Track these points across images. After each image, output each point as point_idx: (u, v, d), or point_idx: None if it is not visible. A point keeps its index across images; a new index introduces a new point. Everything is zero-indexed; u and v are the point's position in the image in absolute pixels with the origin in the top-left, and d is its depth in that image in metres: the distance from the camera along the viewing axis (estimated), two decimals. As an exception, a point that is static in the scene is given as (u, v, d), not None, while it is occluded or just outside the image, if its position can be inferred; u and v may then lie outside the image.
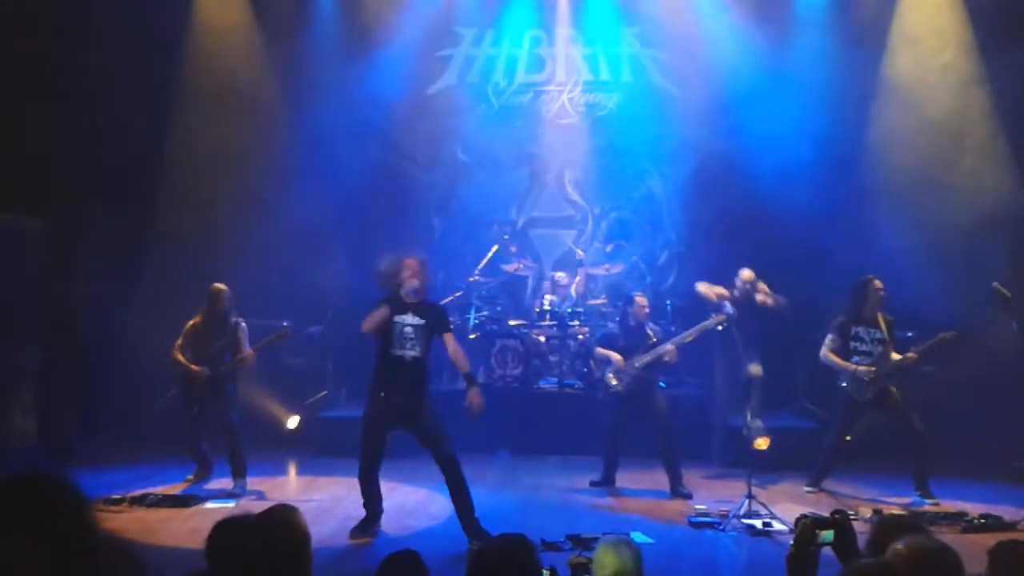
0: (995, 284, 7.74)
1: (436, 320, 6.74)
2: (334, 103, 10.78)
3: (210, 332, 8.05)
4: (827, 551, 3.00)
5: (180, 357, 8.02)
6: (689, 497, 7.84)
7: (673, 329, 9.02)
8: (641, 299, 8.39)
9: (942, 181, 9.73)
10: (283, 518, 2.88)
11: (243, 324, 8.10)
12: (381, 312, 6.57)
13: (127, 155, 9.96)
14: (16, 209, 7.84)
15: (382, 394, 6.63)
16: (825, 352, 7.89)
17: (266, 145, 10.46)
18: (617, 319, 8.98)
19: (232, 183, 10.30)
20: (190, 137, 10.35)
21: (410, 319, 6.59)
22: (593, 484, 8.32)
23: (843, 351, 7.82)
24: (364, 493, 6.76)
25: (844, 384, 7.94)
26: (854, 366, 7.74)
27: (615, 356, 8.19)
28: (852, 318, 7.84)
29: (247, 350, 8.00)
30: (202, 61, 10.50)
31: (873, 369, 7.67)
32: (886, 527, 3.11)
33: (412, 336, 6.58)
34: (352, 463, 6.88)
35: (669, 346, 8.10)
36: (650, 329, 8.35)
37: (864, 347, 7.79)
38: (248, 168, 10.34)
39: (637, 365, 8.12)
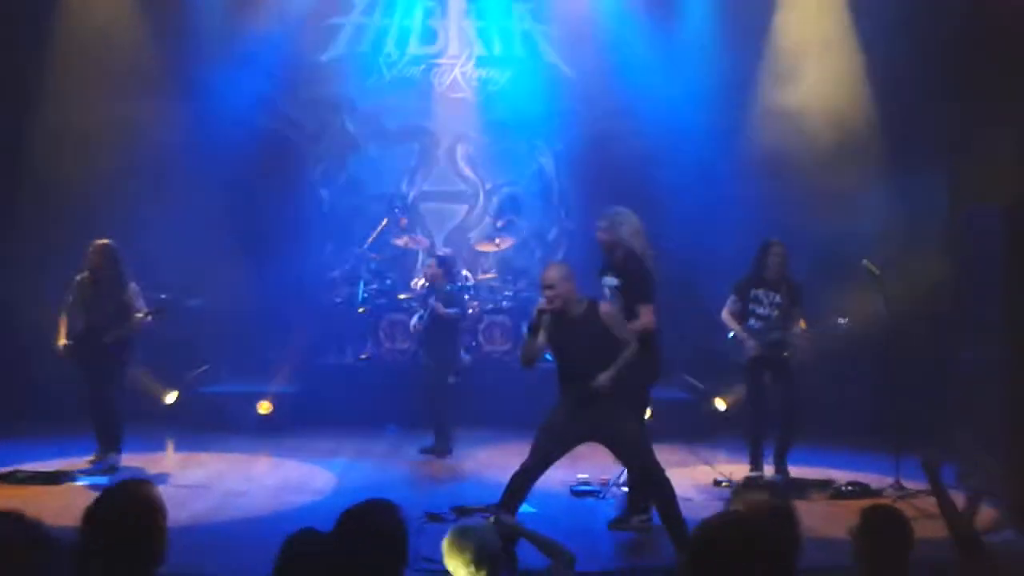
0: (864, 261, 7.84)
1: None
2: (219, 71, 10.35)
3: (99, 291, 7.59)
4: None
5: (61, 323, 7.60)
6: None
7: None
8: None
9: (826, 153, 9.70)
10: (136, 491, 2.82)
11: (134, 285, 7.71)
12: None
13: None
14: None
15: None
16: (724, 313, 7.89)
17: (145, 113, 9.97)
18: None
19: (111, 152, 9.78)
20: (62, 103, 9.73)
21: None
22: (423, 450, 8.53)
23: (742, 313, 7.81)
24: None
25: (729, 341, 7.85)
26: (738, 328, 7.72)
27: None
28: (752, 280, 7.80)
29: (143, 309, 7.63)
30: (73, 21, 9.90)
31: (752, 341, 7.63)
32: (740, 492, 3.30)
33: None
34: (228, 438, 6.75)
35: None
36: None
37: (761, 310, 7.75)
38: (126, 137, 9.85)
39: None
